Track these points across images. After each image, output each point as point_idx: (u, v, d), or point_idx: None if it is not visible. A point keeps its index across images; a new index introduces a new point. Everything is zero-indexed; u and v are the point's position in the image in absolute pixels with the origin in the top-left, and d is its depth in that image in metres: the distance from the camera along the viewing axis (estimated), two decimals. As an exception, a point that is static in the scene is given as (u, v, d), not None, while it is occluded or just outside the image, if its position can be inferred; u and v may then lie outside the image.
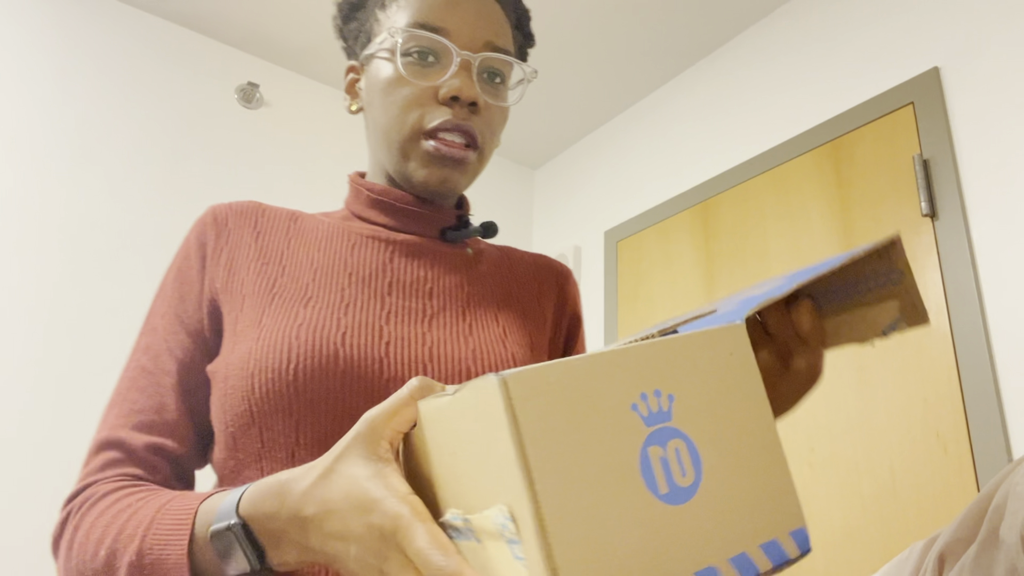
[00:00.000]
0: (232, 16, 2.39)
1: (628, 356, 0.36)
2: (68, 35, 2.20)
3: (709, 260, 2.30)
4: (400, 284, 0.68)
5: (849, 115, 1.99)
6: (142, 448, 0.61)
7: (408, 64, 0.67)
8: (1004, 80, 1.69)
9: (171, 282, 0.68)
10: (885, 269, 0.49)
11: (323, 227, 0.72)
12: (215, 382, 0.63)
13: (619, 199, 2.71)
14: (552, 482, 0.32)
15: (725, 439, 0.37)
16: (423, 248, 0.72)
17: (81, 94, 2.18)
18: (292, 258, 0.68)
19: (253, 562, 0.46)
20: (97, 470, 0.60)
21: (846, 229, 1.93)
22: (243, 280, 0.66)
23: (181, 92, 2.37)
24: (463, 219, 0.77)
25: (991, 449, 1.52)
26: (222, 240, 0.69)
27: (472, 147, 0.68)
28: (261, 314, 0.63)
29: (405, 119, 0.67)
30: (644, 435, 0.34)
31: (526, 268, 0.81)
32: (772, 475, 0.38)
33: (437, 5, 0.68)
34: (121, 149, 2.21)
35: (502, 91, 0.72)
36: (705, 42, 2.45)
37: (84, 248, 2.08)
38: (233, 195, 2.39)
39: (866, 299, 0.50)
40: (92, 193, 2.13)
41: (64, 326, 1.99)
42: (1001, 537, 0.52)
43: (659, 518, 0.33)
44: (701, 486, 0.35)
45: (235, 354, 0.61)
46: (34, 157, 2.06)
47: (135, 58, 2.31)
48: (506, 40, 0.71)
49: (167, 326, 0.66)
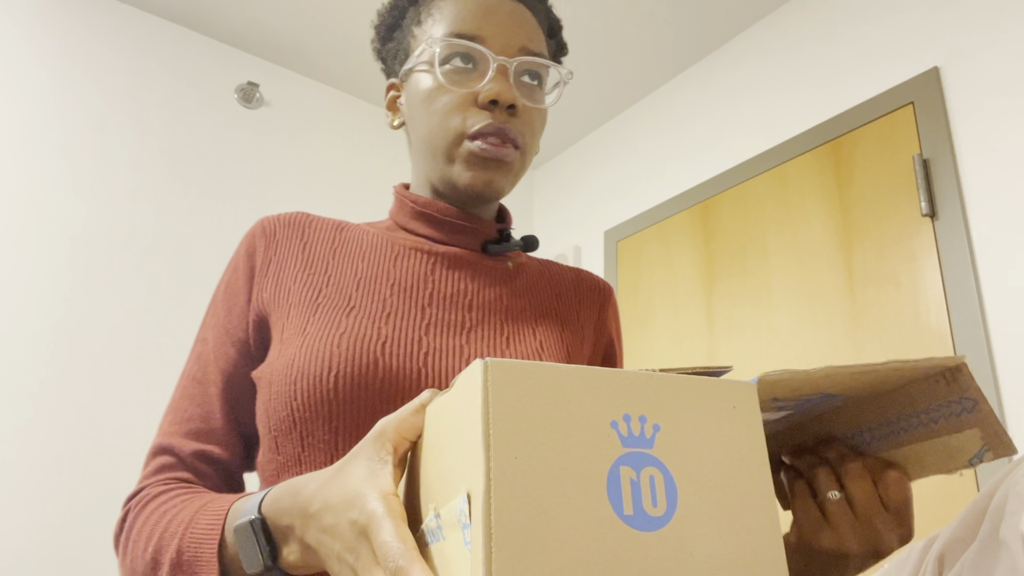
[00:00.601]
0: (232, 16, 2.39)
1: (620, 376, 0.36)
2: (68, 35, 2.20)
3: (709, 260, 2.30)
4: (441, 296, 0.70)
5: (849, 115, 1.99)
6: (190, 455, 0.65)
7: (447, 72, 0.69)
8: (1004, 80, 1.69)
9: (220, 294, 0.72)
10: (956, 397, 0.47)
11: (368, 237, 0.74)
12: (260, 387, 0.66)
13: (619, 199, 2.71)
14: (510, 469, 0.32)
15: (709, 484, 0.36)
16: (464, 260, 0.73)
17: (81, 94, 2.18)
18: (337, 268, 0.71)
19: (266, 558, 0.48)
20: (151, 474, 0.65)
21: (846, 229, 1.93)
22: (289, 289, 0.69)
23: (181, 92, 2.37)
24: (504, 233, 0.78)
25: (991, 449, 1.52)
26: (270, 251, 0.72)
27: (514, 147, 0.70)
28: (305, 323, 0.66)
29: (447, 125, 0.69)
30: (618, 453, 0.34)
31: (567, 283, 0.81)
32: (759, 537, 0.36)
33: (472, 14, 0.70)
34: (121, 149, 2.21)
35: (539, 94, 0.73)
36: (705, 42, 2.45)
37: (83, 248, 2.08)
38: (233, 195, 2.39)
39: (943, 429, 0.49)
40: (92, 193, 2.13)
41: (64, 324, 1.99)
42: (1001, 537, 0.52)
43: (616, 537, 0.33)
44: (672, 521, 0.34)
45: (280, 361, 0.64)
46: (34, 157, 2.06)
47: (135, 58, 2.31)
48: (540, 45, 0.73)
49: (215, 337, 0.70)
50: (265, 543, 0.48)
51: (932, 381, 0.47)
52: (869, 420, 0.51)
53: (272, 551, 0.48)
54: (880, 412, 0.51)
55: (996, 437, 0.47)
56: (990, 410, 0.46)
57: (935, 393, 0.48)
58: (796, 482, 0.54)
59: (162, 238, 2.22)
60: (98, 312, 2.05)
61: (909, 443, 0.50)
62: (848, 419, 0.53)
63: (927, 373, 0.47)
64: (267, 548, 0.48)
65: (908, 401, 0.49)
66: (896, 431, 0.51)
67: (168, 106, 2.33)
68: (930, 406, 0.48)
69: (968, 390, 0.46)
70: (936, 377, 0.47)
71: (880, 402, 0.51)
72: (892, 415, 0.50)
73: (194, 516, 0.56)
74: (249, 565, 0.49)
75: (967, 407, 0.47)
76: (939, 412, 0.48)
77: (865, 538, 0.52)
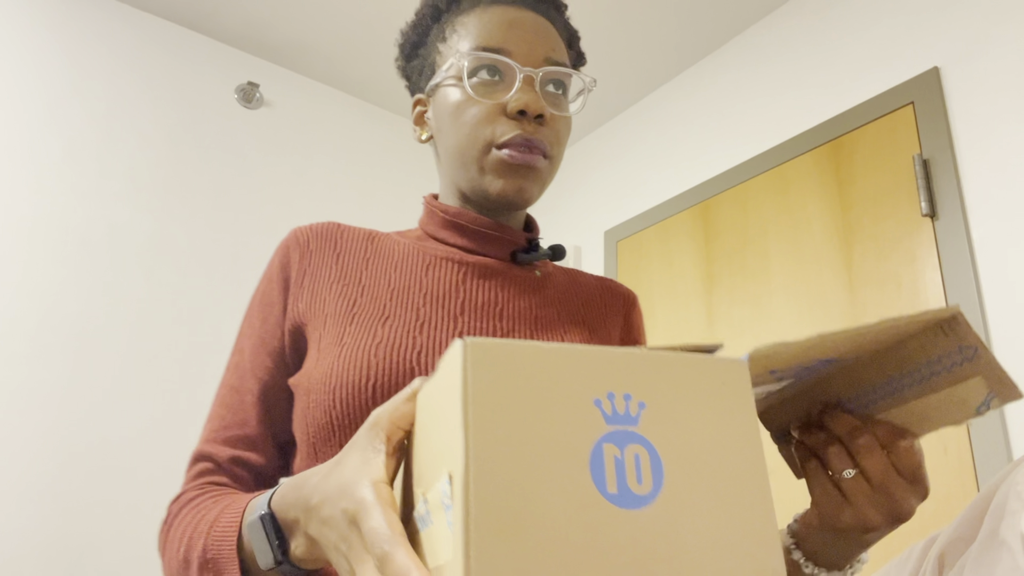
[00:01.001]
0: (232, 16, 2.39)
1: (604, 354, 0.35)
2: (68, 36, 2.20)
3: (709, 260, 2.30)
4: (472, 305, 0.72)
5: (849, 115, 1.99)
6: (227, 460, 0.68)
7: (475, 85, 0.72)
8: (1004, 80, 1.69)
9: (256, 305, 0.74)
10: (956, 347, 0.47)
11: (399, 247, 0.76)
12: (298, 395, 0.68)
13: (619, 199, 2.71)
14: (489, 449, 0.31)
15: (697, 462, 0.35)
16: (494, 270, 0.75)
17: (81, 94, 2.18)
18: (371, 278, 0.73)
19: (276, 553, 0.48)
20: (191, 479, 0.68)
21: (846, 229, 1.93)
22: (325, 300, 0.71)
23: (181, 92, 2.38)
24: (533, 242, 0.80)
25: (991, 449, 1.52)
26: (304, 262, 0.74)
27: (543, 155, 0.72)
28: (342, 332, 0.68)
29: (477, 135, 0.71)
30: (602, 431, 0.34)
31: (592, 291, 0.83)
32: (750, 515, 0.35)
33: (497, 28, 0.72)
34: (121, 149, 2.21)
35: (564, 102, 0.76)
36: (705, 42, 2.45)
37: (83, 248, 2.08)
38: (233, 194, 2.39)
39: (945, 381, 0.48)
40: (92, 192, 2.13)
41: (64, 324, 1.99)
42: (1001, 537, 0.52)
43: (600, 515, 0.32)
44: (658, 499, 0.34)
45: (318, 370, 0.66)
46: (33, 157, 2.06)
47: (135, 58, 2.31)
48: (563, 55, 0.75)
49: (252, 347, 0.72)
50: (275, 538, 0.49)
51: (930, 334, 0.47)
52: (871, 380, 0.52)
53: (282, 546, 0.49)
54: (880, 371, 0.51)
55: (1000, 383, 0.47)
56: (991, 356, 0.46)
57: (934, 346, 0.48)
58: (809, 462, 0.55)
59: (162, 238, 2.22)
60: (98, 312, 2.05)
61: (914, 398, 0.50)
62: (850, 381, 0.53)
63: (923, 327, 0.47)
64: (277, 543, 0.49)
65: (908, 357, 0.49)
66: (899, 388, 0.51)
67: (168, 106, 2.33)
68: (930, 359, 0.48)
69: (966, 338, 0.46)
70: (933, 329, 0.47)
71: (880, 361, 0.51)
72: (893, 372, 0.50)
73: (218, 515, 0.58)
74: (262, 560, 0.50)
75: (967, 356, 0.47)
76: (940, 364, 0.48)
77: (885, 508, 0.52)
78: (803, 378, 0.52)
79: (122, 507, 1.96)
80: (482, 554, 0.30)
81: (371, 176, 2.75)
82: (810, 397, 0.55)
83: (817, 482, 0.55)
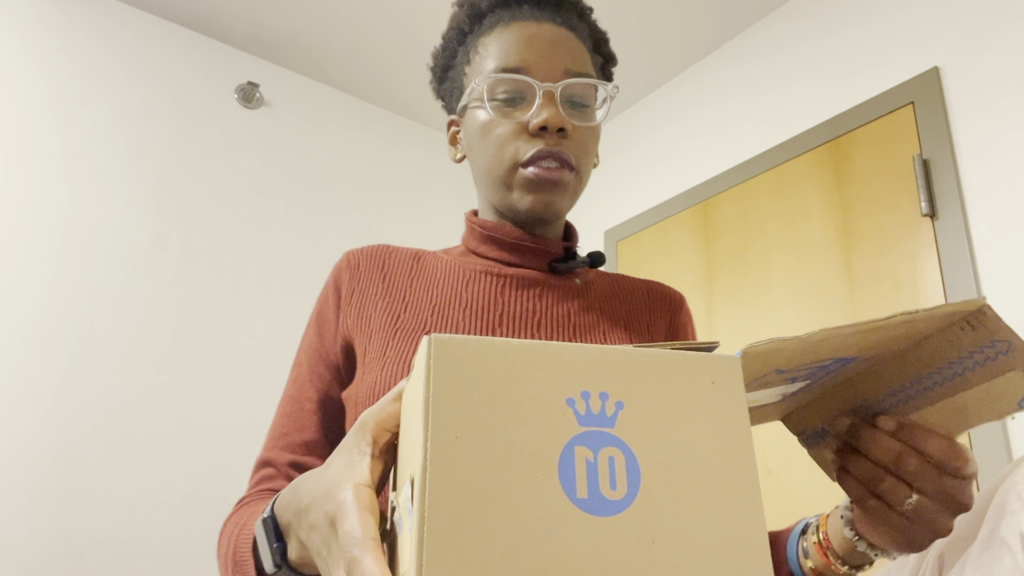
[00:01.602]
0: (232, 16, 2.39)
1: (579, 352, 0.33)
2: (68, 36, 2.20)
3: (709, 260, 2.30)
4: (510, 316, 0.73)
5: (849, 115, 1.99)
6: (286, 465, 0.71)
7: (497, 106, 0.73)
8: (1004, 80, 1.69)
9: (313, 322, 0.78)
10: (988, 341, 0.44)
11: (442, 264, 0.79)
12: (348, 407, 0.71)
13: (619, 199, 2.71)
14: (449, 450, 0.30)
15: (679, 466, 0.32)
16: (532, 280, 0.77)
17: (81, 94, 2.18)
18: (414, 295, 0.76)
19: (276, 556, 0.48)
20: (253, 485, 0.72)
21: (846, 229, 1.93)
22: (371, 316, 0.74)
23: (181, 92, 2.37)
24: (570, 251, 0.81)
25: (991, 449, 1.52)
26: (354, 282, 0.78)
27: (568, 168, 0.72)
28: (385, 347, 0.71)
29: (503, 155, 0.73)
30: (573, 432, 0.32)
31: (637, 295, 0.84)
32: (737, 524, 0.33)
33: (515, 47, 0.74)
34: (121, 149, 2.21)
35: (589, 112, 0.76)
36: (704, 42, 2.45)
37: (82, 248, 2.08)
38: (233, 195, 2.39)
39: (978, 377, 0.46)
40: (92, 192, 2.13)
41: (64, 324, 1.99)
42: (1001, 537, 0.52)
43: (567, 522, 0.30)
44: (633, 505, 0.31)
45: (364, 383, 0.69)
46: (33, 157, 2.06)
47: (135, 58, 2.31)
48: (583, 64, 0.76)
49: (309, 360, 0.76)
50: (274, 540, 0.49)
51: (956, 329, 0.44)
52: (898, 379, 0.49)
53: (282, 549, 0.49)
54: (906, 370, 0.48)
55: None
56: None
57: (960, 342, 0.45)
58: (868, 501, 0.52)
59: (162, 237, 2.22)
60: (98, 312, 2.05)
61: (946, 396, 0.48)
62: (875, 381, 0.50)
63: (947, 322, 0.44)
64: (276, 546, 0.48)
65: (934, 354, 0.46)
66: (928, 387, 0.48)
67: (168, 106, 2.33)
68: (961, 355, 0.45)
69: (998, 332, 0.43)
70: (959, 324, 0.44)
71: (903, 360, 0.48)
72: (921, 371, 0.48)
73: (249, 518, 0.61)
74: (266, 563, 0.50)
75: (1001, 350, 0.44)
76: (971, 360, 0.45)
77: (949, 508, 0.51)
78: (820, 379, 0.50)
79: (122, 507, 1.96)
80: (435, 563, 0.28)
81: (371, 176, 2.75)
82: (837, 398, 0.53)
83: (883, 516, 0.52)
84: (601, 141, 2.88)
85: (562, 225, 0.82)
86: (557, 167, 0.71)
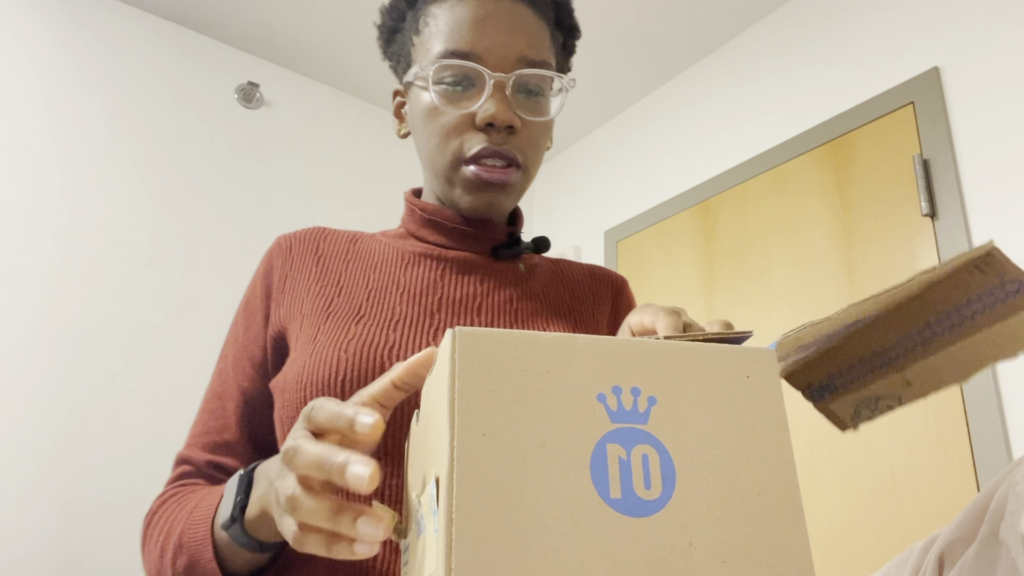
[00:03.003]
0: (232, 16, 2.39)
1: (610, 345, 0.32)
2: (67, 35, 2.20)
3: (709, 260, 2.30)
4: (450, 301, 0.69)
5: (849, 115, 1.99)
6: (204, 464, 0.68)
7: (442, 93, 0.68)
8: (1004, 80, 1.69)
9: (240, 313, 0.74)
10: (997, 282, 0.44)
11: (380, 247, 0.74)
12: (275, 396, 0.67)
13: (619, 199, 2.71)
14: (476, 448, 0.29)
15: (715, 463, 0.31)
16: (474, 265, 0.73)
17: (81, 94, 2.18)
18: (349, 279, 0.71)
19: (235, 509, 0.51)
20: (172, 481, 0.68)
21: (846, 229, 1.93)
22: (303, 301, 0.70)
23: (181, 92, 2.37)
24: (514, 236, 0.77)
25: (991, 449, 1.52)
26: (286, 267, 0.73)
27: (515, 167, 0.68)
28: (316, 331, 0.66)
29: (445, 148, 0.68)
30: (605, 429, 0.30)
31: (580, 280, 0.81)
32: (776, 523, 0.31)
33: (466, 28, 0.67)
34: (121, 149, 2.21)
35: (542, 104, 0.71)
36: (705, 42, 2.45)
37: (82, 248, 2.08)
38: (233, 195, 2.39)
39: (989, 318, 0.46)
40: (91, 193, 2.13)
41: (63, 324, 1.99)
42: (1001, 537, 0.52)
43: (600, 523, 0.29)
44: (669, 505, 0.30)
45: (292, 369, 0.65)
46: (33, 157, 2.06)
47: (135, 58, 2.31)
48: (541, 49, 0.70)
49: (235, 354, 0.72)
50: (240, 494, 0.51)
51: (963, 274, 0.44)
52: (906, 327, 0.49)
53: (243, 503, 0.51)
54: (915, 318, 0.48)
55: None
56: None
57: (969, 286, 0.44)
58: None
59: (162, 237, 2.22)
60: (97, 311, 2.05)
61: (955, 340, 0.47)
62: (884, 330, 0.50)
63: (955, 270, 0.44)
64: (239, 499, 0.51)
65: (943, 300, 0.46)
66: (938, 332, 0.48)
67: (168, 106, 2.33)
68: (969, 298, 0.45)
69: (1008, 272, 0.43)
70: (967, 268, 0.44)
71: (912, 308, 0.47)
72: (929, 317, 0.47)
73: (197, 503, 0.59)
74: (223, 513, 0.52)
75: (1011, 290, 0.43)
76: (980, 303, 0.45)
77: None
78: (830, 342, 0.50)
79: (122, 507, 1.95)
80: (465, 565, 0.27)
81: (371, 176, 2.74)
82: (844, 351, 0.52)
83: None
84: (602, 141, 2.88)
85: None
86: (503, 167, 0.67)
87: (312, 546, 0.38)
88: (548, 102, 0.72)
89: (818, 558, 1.77)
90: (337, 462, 0.36)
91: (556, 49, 0.75)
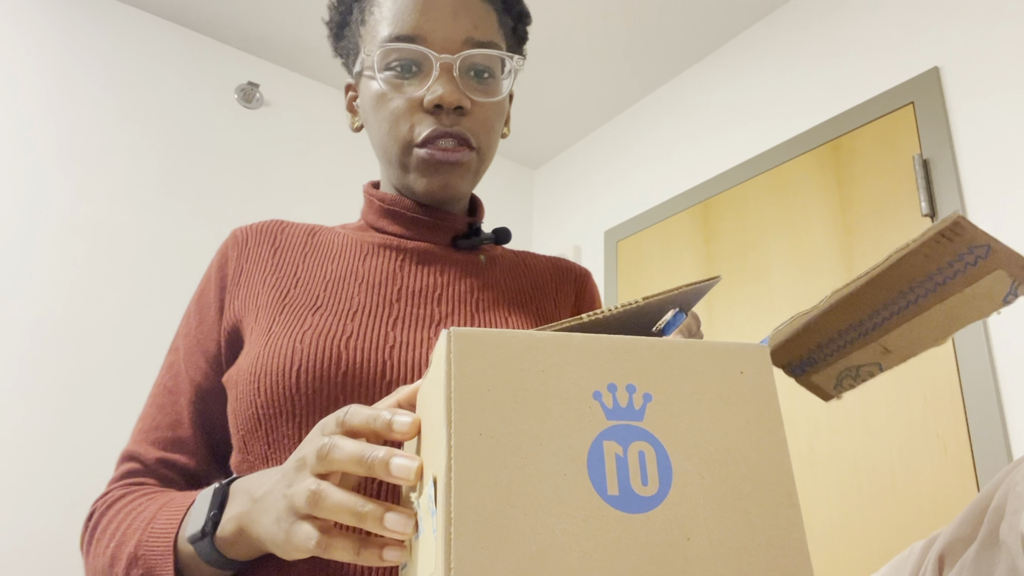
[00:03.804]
0: (232, 16, 2.39)
1: (604, 343, 0.32)
2: (68, 35, 2.20)
3: (709, 260, 2.30)
4: (409, 291, 0.68)
5: (849, 115, 1.99)
6: (154, 462, 0.65)
7: (389, 79, 0.67)
8: (1004, 80, 1.69)
9: (193, 305, 0.72)
10: (966, 248, 0.45)
11: (338, 239, 0.73)
12: (228, 390, 0.65)
13: (619, 199, 2.71)
14: (473, 447, 0.29)
15: (711, 459, 0.31)
16: (434, 256, 0.72)
17: (81, 94, 2.18)
18: (306, 271, 0.69)
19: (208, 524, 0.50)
20: (117, 478, 0.65)
21: (846, 229, 1.93)
22: (258, 293, 0.68)
23: (181, 92, 2.38)
24: (474, 227, 0.76)
25: (991, 449, 1.52)
26: (242, 260, 0.71)
27: (467, 147, 0.68)
28: (271, 323, 0.64)
29: (396, 133, 0.68)
30: (601, 427, 0.31)
31: (542, 271, 0.80)
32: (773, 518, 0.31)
33: (409, 12, 0.67)
34: (121, 148, 2.21)
35: (492, 85, 0.70)
36: (705, 42, 2.45)
37: (82, 248, 2.08)
38: (232, 195, 2.39)
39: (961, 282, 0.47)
40: (91, 193, 2.13)
41: (63, 323, 1.99)
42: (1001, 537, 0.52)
43: (598, 520, 0.29)
44: (666, 501, 0.30)
45: (245, 361, 0.63)
46: (33, 157, 2.06)
47: (135, 58, 2.31)
48: (487, 31, 0.69)
49: (187, 347, 0.69)
50: (215, 508, 0.50)
51: (932, 244, 0.46)
52: (880, 299, 0.50)
53: (216, 519, 0.50)
54: (888, 290, 0.49)
55: (1022, 270, 0.45)
56: (1007, 248, 0.44)
57: (938, 255, 0.46)
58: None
59: (162, 237, 2.22)
60: (97, 311, 2.05)
61: (930, 306, 0.49)
62: (859, 304, 0.51)
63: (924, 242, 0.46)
64: (213, 514, 0.50)
65: (914, 271, 0.48)
66: (912, 300, 0.50)
67: (168, 106, 2.33)
68: (940, 266, 0.47)
69: (976, 238, 0.44)
70: (936, 239, 0.45)
71: (884, 280, 0.49)
72: (903, 287, 0.49)
73: (156, 513, 0.57)
74: (192, 526, 0.51)
75: (980, 255, 0.45)
76: (950, 269, 0.47)
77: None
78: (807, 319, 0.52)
79: (122, 507, 1.96)
80: (464, 565, 0.27)
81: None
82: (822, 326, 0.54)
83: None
84: (601, 141, 2.88)
85: (467, 200, 0.77)
86: (455, 147, 0.66)
87: (339, 550, 0.37)
88: (499, 84, 0.71)
89: (818, 558, 1.77)
90: (380, 456, 0.36)
91: (506, 33, 0.74)
